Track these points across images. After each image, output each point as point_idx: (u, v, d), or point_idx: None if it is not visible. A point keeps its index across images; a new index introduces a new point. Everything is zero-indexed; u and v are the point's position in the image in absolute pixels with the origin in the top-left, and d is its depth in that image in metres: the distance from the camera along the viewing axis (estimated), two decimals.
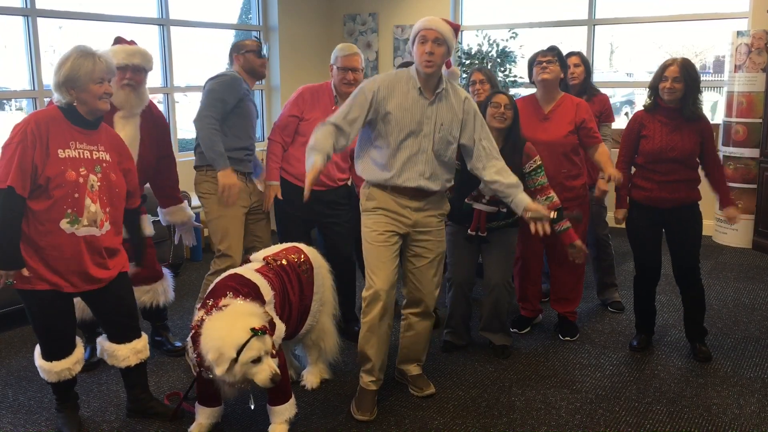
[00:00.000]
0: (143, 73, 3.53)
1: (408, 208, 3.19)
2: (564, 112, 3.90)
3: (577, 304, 4.18)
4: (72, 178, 2.80)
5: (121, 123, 3.45)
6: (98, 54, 2.86)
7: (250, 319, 2.75)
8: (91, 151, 2.89)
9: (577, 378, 3.64)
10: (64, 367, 3.01)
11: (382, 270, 3.16)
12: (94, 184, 2.87)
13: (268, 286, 3.04)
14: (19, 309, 4.41)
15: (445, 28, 3.07)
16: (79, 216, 2.83)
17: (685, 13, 6.75)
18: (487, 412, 3.29)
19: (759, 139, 5.99)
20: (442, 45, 3.06)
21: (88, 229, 2.86)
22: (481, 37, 6.78)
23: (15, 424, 3.22)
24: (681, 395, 3.44)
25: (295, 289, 3.23)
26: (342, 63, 3.84)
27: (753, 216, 6.11)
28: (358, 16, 7.74)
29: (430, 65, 3.06)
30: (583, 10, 7.07)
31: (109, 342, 3.14)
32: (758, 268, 5.57)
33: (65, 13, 5.56)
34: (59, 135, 2.82)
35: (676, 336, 4.16)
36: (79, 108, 2.85)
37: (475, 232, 3.63)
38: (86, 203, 2.84)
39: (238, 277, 3.02)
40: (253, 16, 7.32)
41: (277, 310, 3.04)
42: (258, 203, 3.93)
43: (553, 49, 3.92)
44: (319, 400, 3.40)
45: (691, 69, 3.58)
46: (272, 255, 3.28)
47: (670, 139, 3.61)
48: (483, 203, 3.58)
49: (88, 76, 2.80)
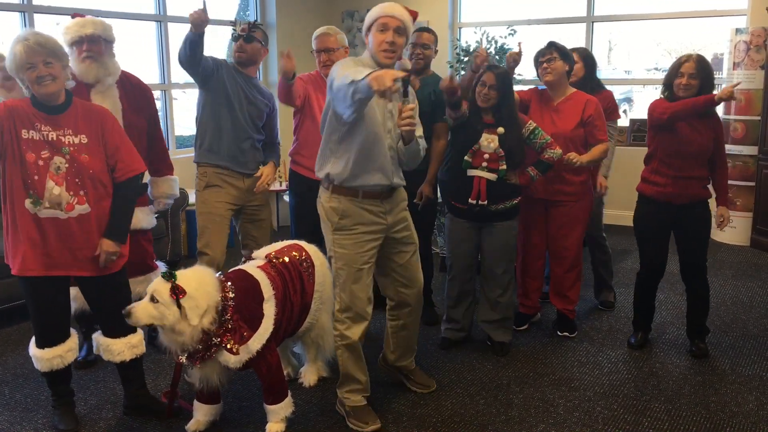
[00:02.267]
0: (101, 43, 3.41)
1: (381, 212, 3.04)
2: (573, 106, 3.89)
3: (575, 302, 4.17)
4: (31, 159, 2.78)
5: (99, 98, 3.39)
6: (25, 39, 2.76)
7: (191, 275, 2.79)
8: (57, 135, 2.83)
9: (575, 376, 3.64)
10: (55, 354, 3.00)
11: (364, 292, 3.05)
12: (61, 166, 2.81)
13: (269, 284, 3.03)
14: (15, 306, 4.40)
15: (407, 18, 2.86)
16: (39, 198, 2.80)
17: (684, 10, 6.74)
18: (485, 410, 3.28)
19: (757, 137, 5.99)
20: (403, 35, 2.85)
21: (51, 212, 2.82)
22: (480, 34, 6.77)
23: (11, 422, 3.21)
24: (679, 393, 3.44)
25: (296, 287, 3.22)
26: (315, 45, 3.78)
27: (751, 213, 6.11)
28: (356, 12, 7.73)
29: (391, 56, 2.84)
30: (581, 7, 7.05)
31: (104, 336, 3.14)
32: (756, 266, 5.57)
33: (62, 10, 5.54)
34: (25, 117, 2.80)
35: (674, 334, 4.15)
36: (35, 94, 2.83)
37: (476, 200, 3.62)
38: (48, 185, 2.80)
39: (240, 272, 3.04)
40: (251, 13, 7.30)
41: (276, 309, 3.03)
42: (256, 203, 3.90)
43: (551, 45, 3.89)
44: (316, 398, 3.40)
45: (706, 65, 3.58)
46: (274, 252, 3.27)
47: (688, 133, 3.60)
48: (482, 168, 3.58)
49: (18, 64, 2.75)
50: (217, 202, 3.76)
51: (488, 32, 6.76)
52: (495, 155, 3.57)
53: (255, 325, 2.93)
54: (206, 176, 3.78)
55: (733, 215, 6.15)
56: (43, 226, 2.83)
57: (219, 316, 2.82)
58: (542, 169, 3.72)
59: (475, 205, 3.62)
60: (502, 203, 3.64)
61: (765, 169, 5.91)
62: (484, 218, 3.68)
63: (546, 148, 3.67)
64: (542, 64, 3.87)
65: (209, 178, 3.77)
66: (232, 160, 3.75)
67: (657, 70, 7.39)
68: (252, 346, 2.88)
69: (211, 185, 3.77)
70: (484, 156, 3.57)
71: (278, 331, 3.07)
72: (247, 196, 3.85)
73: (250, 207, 3.89)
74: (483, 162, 3.58)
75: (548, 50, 3.87)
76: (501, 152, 3.56)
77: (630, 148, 6.69)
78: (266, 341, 2.93)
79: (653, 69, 7.47)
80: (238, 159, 3.77)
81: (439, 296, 4.61)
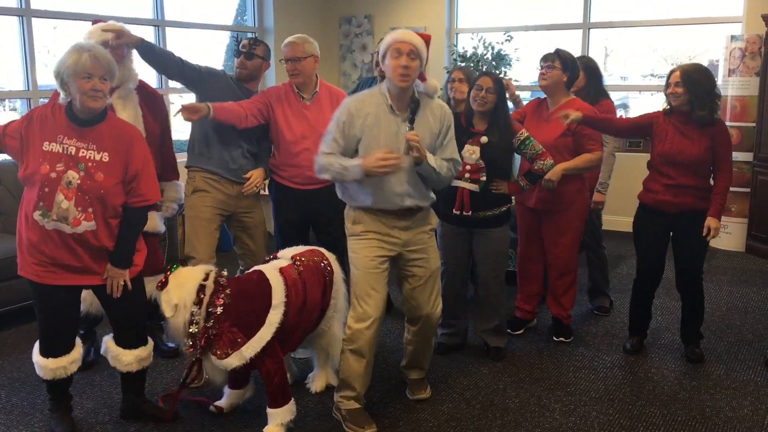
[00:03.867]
0: (123, 48, 3.44)
1: (396, 228, 3.10)
2: None
3: (568, 308, 4.17)
4: (44, 171, 2.78)
5: (120, 103, 3.40)
6: (90, 49, 2.78)
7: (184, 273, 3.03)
8: (78, 148, 2.82)
9: (571, 380, 3.65)
10: (59, 365, 3.01)
11: (373, 298, 3.07)
12: (72, 181, 2.80)
13: (282, 290, 3.05)
14: (11, 310, 4.40)
15: (418, 41, 2.97)
16: (48, 210, 2.80)
17: (680, 17, 6.77)
18: (482, 414, 3.29)
19: (752, 143, 6.02)
20: (416, 59, 2.95)
21: (56, 224, 2.81)
22: (477, 40, 6.80)
23: (8, 426, 3.21)
24: (674, 398, 3.45)
25: (318, 292, 3.23)
26: (283, 54, 3.75)
27: (746, 220, 6.14)
28: (353, 18, 7.75)
29: (406, 79, 2.93)
30: (578, 13, 7.09)
31: (116, 345, 3.13)
32: (751, 272, 5.60)
33: (60, 14, 5.55)
34: (51, 128, 2.81)
35: (669, 339, 4.17)
36: (73, 104, 2.83)
37: (460, 212, 3.63)
38: (57, 199, 2.78)
39: (256, 275, 3.12)
40: (248, 18, 7.31)
41: (287, 317, 3.04)
42: (245, 209, 3.86)
43: (556, 52, 3.89)
44: (313, 402, 3.40)
45: (694, 74, 3.58)
46: (300, 255, 3.28)
47: (679, 142, 3.62)
48: (465, 180, 3.59)
49: (71, 70, 2.74)
50: (204, 207, 3.75)
51: (485, 38, 6.79)
52: (476, 166, 3.57)
53: (252, 333, 2.95)
54: (194, 181, 3.78)
55: (728, 221, 6.18)
56: (51, 236, 2.83)
57: (204, 320, 2.92)
58: (531, 179, 3.71)
59: (459, 215, 3.64)
60: (489, 211, 3.65)
61: (760, 175, 5.94)
62: (473, 224, 3.68)
63: (536, 159, 3.65)
64: (541, 68, 3.90)
65: (197, 183, 3.77)
66: (222, 166, 3.75)
67: (653, 77, 7.41)
68: (245, 353, 2.92)
69: (198, 190, 3.77)
70: (466, 167, 3.58)
71: (291, 335, 3.12)
72: (237, 202, 3.82)
73: (241, 213, 3.86)
74: (465, 173, 3.59)
75: (551, 57, 3.88)
76: (482, 163, 3.57)
77: (625, 154, 6.70)
78: (262, 349, 2.94)
79: (649, 75, 7.50)
80: (229, 166, 3.76)
81: None
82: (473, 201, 3.61)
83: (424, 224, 3.19)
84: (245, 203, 3.85)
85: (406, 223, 3.11)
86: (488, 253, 3.74)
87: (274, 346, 3.00)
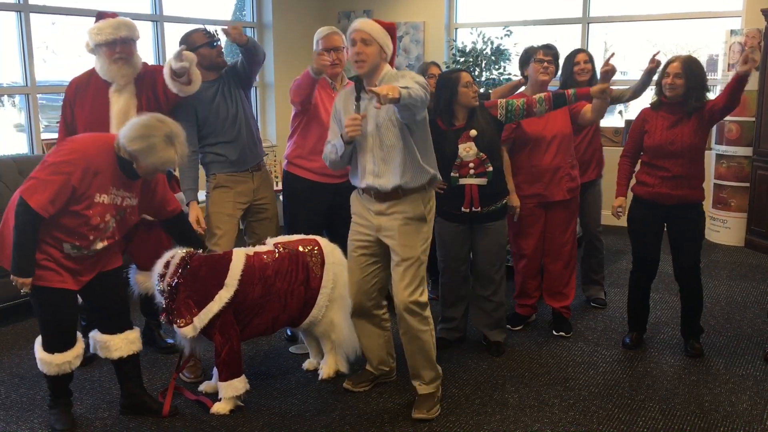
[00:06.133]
0: (132, 44, 3.50)
1: (371, 210, 3.20)
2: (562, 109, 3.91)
3: (570, 299, 4.19)
4: (94, 222, 2.92)
5: (115, 97, 3.47)
6: (178, 143, 2.96)
7: None
8: (123, 198, 3.00)
9: (570, 375, 3.65)
10: (64, 360, 3.04)
11: (353, 280, 3.34)
12: (110, 227, 2.99)
13: (239, 272, 3.22)
14: (9, 306, 4.40)
15: (373, 28, 3.05)
16: (83, 249, 2.95)
17: (679, 11, 6.76)
18: (481, 409, 3.29)
19: (752, 138, 6.01)
20: (372, 44, 3.03)
21: (80, 251, 2.97)
22: (476, 35, 6.78)
23: (7, 422, 3.21)
24: (673, 392, 3.46)
25: (297, 278, 3.33)
26: (323, 45, 3.72)
27: (746, 214, 6.13)
28: (352, 13, 7.74)
29: (361, 65, 3.06)
30: (577, 8, 7.07)
31: (102, 333, 3.16)
32: (750, 266, 5.60)
33: (58, 9, 5.54)
34: (104, 181, 2.91)
35: (668, 333, 4.17)
36: (135, 166, 2.95)
37: (470, 209, 3.62)
38: (96, 244, 2.97)
39: (222, 255, 3.32)
40: (247, 13, 7.30)
41: (244, 298, 3.21)
42: (262, 199, 3.89)
43: (552, 48, 3.95)
44: (312, 397, 3.41)
45: (693, 66, 3.60)
46: (285, 242, 3.43)
47: (669, 133, 3.63)
48: (471, 176, 3.59)
49: (159, 164, 2.93)
50: (226, 202, 3.77)
51: (484, 33, 6.77)
52: (478, 160, 3.56)
53: (203, 307, 3.18)
54: (215, 178, 3.80)
55: (728, 216, 6.19)
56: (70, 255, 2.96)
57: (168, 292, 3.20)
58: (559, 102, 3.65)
59: (469, 212, 3.64)
60: (493, 205, 3.66)
61: (759, 170, 5.93)
62: (475, 220, 3.69)
63: (531, 109, 3.60)
64: (543, 62, 3.91)
65: (218, 180, 3.79)
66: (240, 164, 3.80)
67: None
68: (196, 324, 3.18)
69: (219, 186, 3.78)
70: (469, 165, 3.58)
71: (256, 317, 3.27)
72: (254, 195, 3.85)
73: (257, 203, 3.88)
74: (470, 171, 3.59)
75: (550, 52, 3.94)
76: (483, 155, 3.56)
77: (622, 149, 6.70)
78: (214, 323, 3.16)
79: None
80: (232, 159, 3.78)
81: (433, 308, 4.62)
82: (482, 196, 3.61)
83: (400, 212, 3.14)
84: (262, 194, 3.89)
85: (379, 207, 3.16)
86: (489, 247, 3.75)
87: (226, 322, 3.18)
